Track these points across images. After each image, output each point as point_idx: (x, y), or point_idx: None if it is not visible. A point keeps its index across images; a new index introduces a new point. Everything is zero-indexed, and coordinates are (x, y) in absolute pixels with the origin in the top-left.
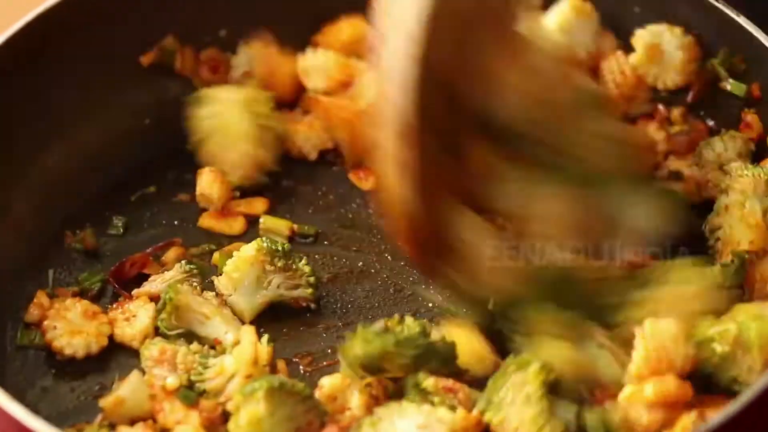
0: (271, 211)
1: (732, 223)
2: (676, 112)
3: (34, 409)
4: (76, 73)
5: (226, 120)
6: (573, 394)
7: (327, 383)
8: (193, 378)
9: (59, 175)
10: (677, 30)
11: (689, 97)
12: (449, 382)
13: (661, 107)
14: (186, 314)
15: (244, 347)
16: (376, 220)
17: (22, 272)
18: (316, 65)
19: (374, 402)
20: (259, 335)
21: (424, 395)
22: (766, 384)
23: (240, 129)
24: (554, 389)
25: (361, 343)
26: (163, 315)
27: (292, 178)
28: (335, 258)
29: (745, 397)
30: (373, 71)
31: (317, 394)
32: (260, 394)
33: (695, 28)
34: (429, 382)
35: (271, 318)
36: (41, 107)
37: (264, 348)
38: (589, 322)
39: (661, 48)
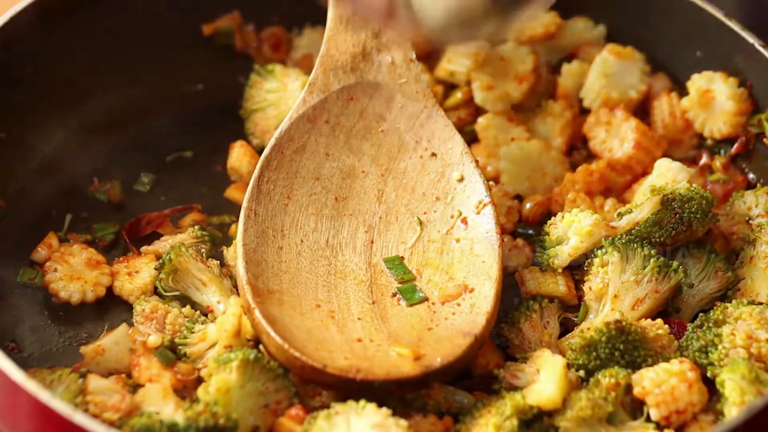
0: None
1: (754, 275)
2: (718, 162)
3: (18, 345)
4: (135, 25)
5: (287, 99)
6: None
7: None
8: (177, 341)
9: (99, 124)
10: (732, 80)
11: (733, 149)
12: None
13: (704, 154)
14: (184, 278)
15: (227, 318)
16: None
17: (42, 213)
18: None
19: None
20: None
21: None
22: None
23: None
24: (530, 426)
25: None
26: (162, 275)
27: None
28: None
29: (727, 424)
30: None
31: (291, 375)
32: (234, 365)
33: (750, 81)
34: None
35: None
36: (94, 53)
37: (248, 321)
38: None
39: (712, 95)
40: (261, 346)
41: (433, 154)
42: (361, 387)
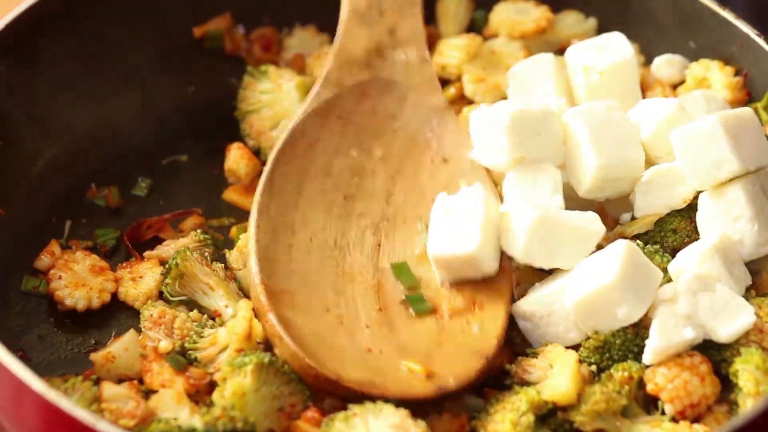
0: None
1: None
2: None
3: (26, 354)
4: (126, 30)
5: (281, 99)
6: (562, 428)
7: None
8: (187, 345)
9: (94, 129)
10: (728, 69)
11: None
12: None
13: None
14: (191, 282)
15: (238, 321)
16: None
17: (42, 221)
18: None
19: None
20: None
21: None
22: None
23: (292, 111)
24: (544, 421)
25: None
26: (168, 280)
27: None
28: None
29: (747, 414)
30: None
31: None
32: (248, 369)
33: (745, 70)
34: None
35: None
36: (87, 60)
37: (259, 324)
38: None
39: (708, 83)
40: (276, 350)
41: (444, 160)
42: (374, 400)
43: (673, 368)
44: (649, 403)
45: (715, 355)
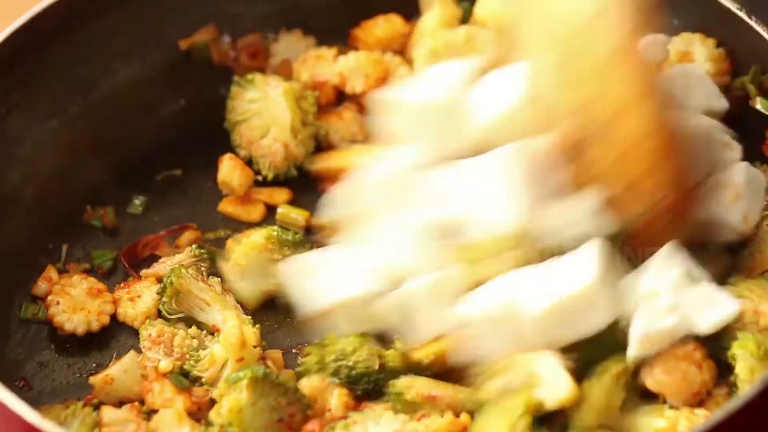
0: (292, 202)
1: (762, 248)
2: None
3: (28, 383)
4: (114, 47)
5: (270, 107)
6: (559, 429)
7: (306, 384)
8: (187, 368)
9: (86, 149)
10: (710, 41)
11: None
12: (432, 388)
13: None
14: (187, 299)
15: (229, 331)
16: None
17: (39, 246)
18: (353, 68)
19: (354, 402)
20: (262, 323)
21: (410, 405)
22: (761, 386)
23: (281, 119)
24: (542, 422)
25: (315, 364)
26: (165, 298)
27: None
28: None
29: (742, 397)
30: None
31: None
32: (243, 383)
33: (729, 44)
34: (412, 393)
35: (276, 307)
36: (75, 81)
37: (250, 329)
38: None
39: (691, 57)
40: (269, 362)
41: None
42: None
43: (670, 361)
44: (648, 394)
45: (714, 347)
